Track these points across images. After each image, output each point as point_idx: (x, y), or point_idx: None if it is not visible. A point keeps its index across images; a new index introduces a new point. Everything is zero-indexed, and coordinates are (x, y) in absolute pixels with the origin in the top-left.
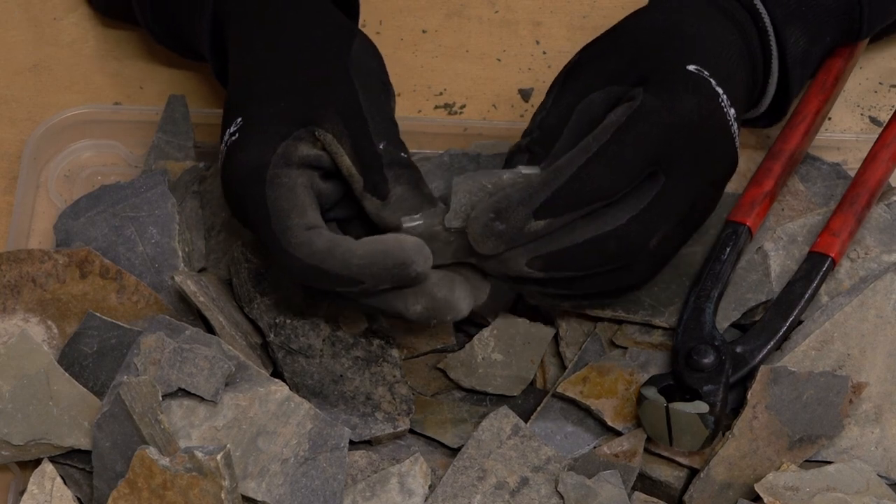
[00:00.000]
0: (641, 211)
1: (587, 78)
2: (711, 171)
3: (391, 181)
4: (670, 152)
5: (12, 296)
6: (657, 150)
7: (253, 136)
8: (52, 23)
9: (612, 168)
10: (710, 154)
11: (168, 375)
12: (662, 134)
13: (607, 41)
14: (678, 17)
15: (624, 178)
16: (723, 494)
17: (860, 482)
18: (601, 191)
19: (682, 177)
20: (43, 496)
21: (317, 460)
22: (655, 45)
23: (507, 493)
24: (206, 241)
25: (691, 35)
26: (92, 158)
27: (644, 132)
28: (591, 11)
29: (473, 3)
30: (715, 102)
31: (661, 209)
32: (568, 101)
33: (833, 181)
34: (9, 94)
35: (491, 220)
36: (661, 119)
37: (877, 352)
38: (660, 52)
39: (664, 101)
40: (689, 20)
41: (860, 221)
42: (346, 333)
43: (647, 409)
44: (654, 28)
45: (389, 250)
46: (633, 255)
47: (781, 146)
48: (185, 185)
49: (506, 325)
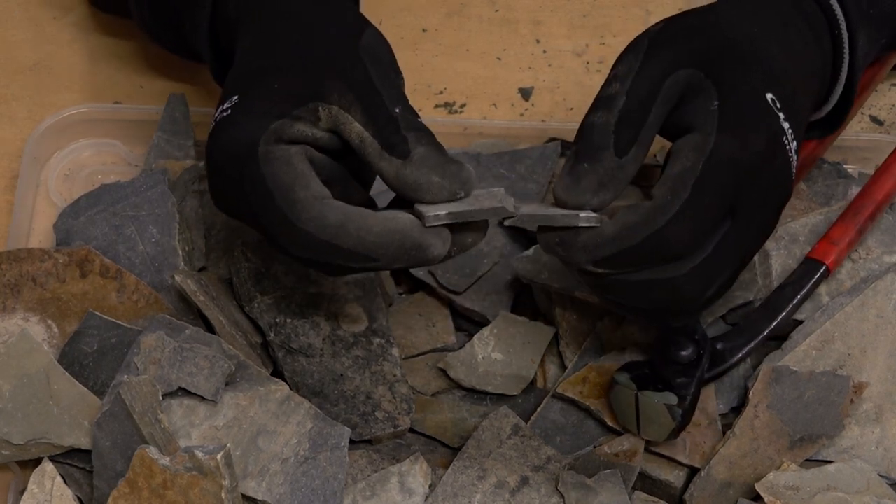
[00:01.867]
0: (703, 262)
1: (675, 53)
2: (773, 211)
3: (411, 141)
4: (741, 197)
5: (12, 295)
6: (733, 197)
7: (246, 113)
8: (52, 22)
9: (692, 228)
10: (774, 193)
11: (168, 375)
12: (738, 180)
13: (696, 19)
14: (764, 21)
15: (703, 235)
16: (723, 493)
17: (861, 482)
18: (677, 250)
19: (748, 222)
20: (43, 495)
21: (317, 459)
22: (737, 57)
23: (508, 492)
24: (207, 241)
25: (773, 55)
26: (92, 157)
27: (723, 183)
28: (592, 10)
29: (474, 2)
30: (781, 140)
31: (724, 257)
32: (654, 73)
33: (834, 180)
34: (9, 93)
35: (555, 243)
36: (737, 166)
37: (877, 351)
38: (739, 72)
39: (739, 141)
40: (773, 28)
41: (861, 233)
42: (346, 333)
43: (617, 394)
44: (738, 30)
45: (407, 231)
46: (687, 306)
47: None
48: (186, 185)
49: (506, 324)
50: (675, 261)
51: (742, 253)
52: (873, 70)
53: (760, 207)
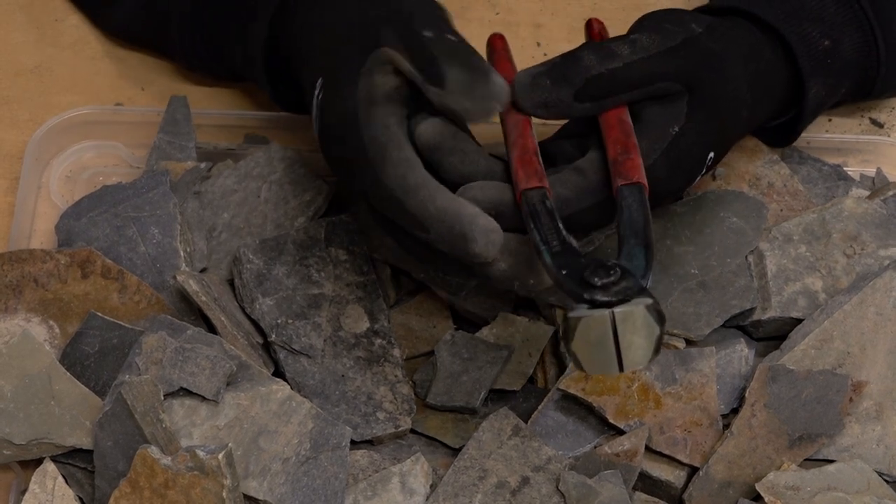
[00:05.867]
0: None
1: (681, 64)
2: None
3: (443, 65)
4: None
5: (14, 296)
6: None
7: (336, 90)
8: (54, 24)
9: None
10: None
11: (170, 375)
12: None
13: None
14: (732, 49)
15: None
16: (722, 493)
17: (861, 482)
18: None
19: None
20: (44, 495)
21: (318, 459)
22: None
23: (508, 492)
24: (208, 242)
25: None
26: (93, 159)
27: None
28: (592, 14)
29: (474, 5)
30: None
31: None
32: (659, 69)
33: (834, 182)
34: (11, 96)
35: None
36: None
37: (877, 349)
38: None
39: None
40: (738, 53)
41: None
42: (347, 334)
43: (587, 328)
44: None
45: (461, 216)
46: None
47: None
48: (187, 186)
49: (505, 323)
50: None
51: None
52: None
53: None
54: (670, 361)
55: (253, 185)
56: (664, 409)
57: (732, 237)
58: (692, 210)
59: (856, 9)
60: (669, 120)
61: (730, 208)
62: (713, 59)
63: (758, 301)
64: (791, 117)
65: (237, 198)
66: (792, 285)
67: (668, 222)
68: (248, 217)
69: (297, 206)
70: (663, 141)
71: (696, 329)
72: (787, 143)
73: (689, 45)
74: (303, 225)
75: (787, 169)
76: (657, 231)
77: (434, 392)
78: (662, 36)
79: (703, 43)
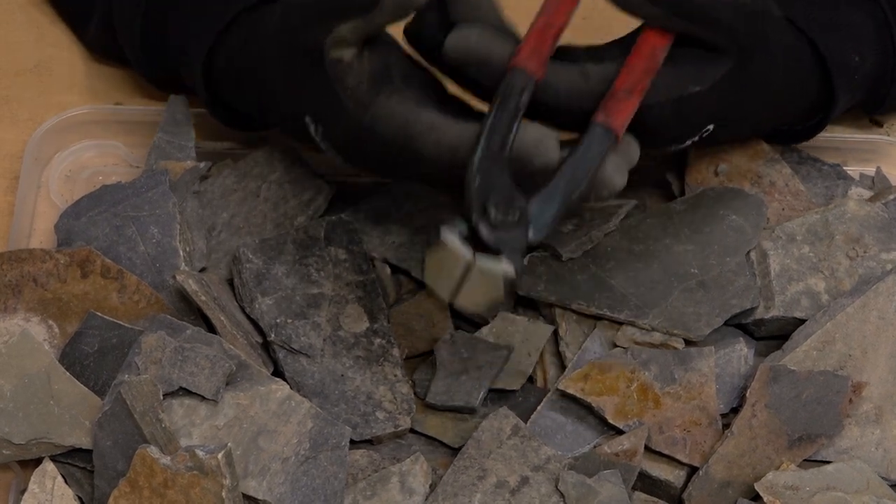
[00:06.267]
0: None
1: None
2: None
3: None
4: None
5: (13, 295)
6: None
7: (333, 116)
8: (54, 24)
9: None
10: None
11: (169, 374)
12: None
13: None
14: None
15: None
16: (722, 493)
17: (860, 482)
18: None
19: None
20: (44, 495)
21: (318, 459)
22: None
23: (508, 491)
24: (207, 241)
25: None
26: (93, 159)
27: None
28: (592, 13)
29: None
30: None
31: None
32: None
33: (833, 182)
34: (10, 95)
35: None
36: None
37: (878, 353)
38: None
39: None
40: (776, 65)
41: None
42: (347, 333)
43: (443, 256)
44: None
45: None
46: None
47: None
48: (186, 185)
49: (505, 323)
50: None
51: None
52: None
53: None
54: (669, 361)
55: (252, 184)
56: (663, 408)
57: (732, 235)
58: (692, 208)
59: (881, 23)
60: (696, 78)
61: (729, 206)
62: (770, 47)
63: (758, 300)
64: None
65: (237, 197)
66: (795, 285)
67: (668, 220)
68: (248, 216)
69: (297, 205)
70: (677, 92)
71: (696, 329)
72: (793, 143)
73: (763, 21)
74: (302, 224)
75: (788, 168)
76: (657, 230)
77: (433, 392)
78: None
79: (772, 26)
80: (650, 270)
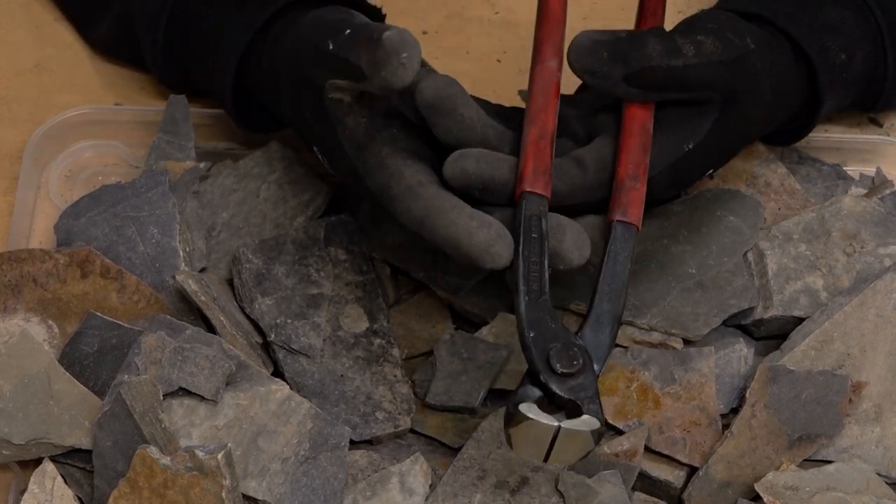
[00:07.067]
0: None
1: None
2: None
3: (352, 60)
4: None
5: (13, 295)
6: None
7: (331, 153)
8: (54, 23)
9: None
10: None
11: (169, 375)
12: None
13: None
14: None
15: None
16: (722, 493)
17: (860, 482)
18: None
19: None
20: (44, 495)
21: (317, 459)
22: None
23: (508, 492)
24: (207, 241)
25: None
26: (93, 159)
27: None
28: (591, 13)
29: (474, 5)
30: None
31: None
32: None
33: (833, 182)
34: (10, 95)
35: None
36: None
37: (877, 351)
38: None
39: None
40: (772, 72)
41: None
42: (346, 333)
43: (528, 430)
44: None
45: (469, 245)
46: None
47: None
48: (186, 185)
49: (504, 323)
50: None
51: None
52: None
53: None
54: (669, 361)
55: (252, 184)
56: (663, 409)
57: (730, 236)
58: (689, 209)
59: (871, 24)
60: (688, 136)
61: (726, 207)
62: (755, 81)
63: (756, 300)
64: (795, 125)
65: (236, 197)
66: (793, 284)
67: (666, 221)
68: (248, 217)
69: (297, 205)
70: (673, 156)
71: (694, 329)
72: (784, 145)
73: (743, 63)
74: (302, 224)
75: (783, 168)
76: (654, 230)
77: (433, 392)
78: (725, 46)
79: (752, 62)
80: (648, 271)
